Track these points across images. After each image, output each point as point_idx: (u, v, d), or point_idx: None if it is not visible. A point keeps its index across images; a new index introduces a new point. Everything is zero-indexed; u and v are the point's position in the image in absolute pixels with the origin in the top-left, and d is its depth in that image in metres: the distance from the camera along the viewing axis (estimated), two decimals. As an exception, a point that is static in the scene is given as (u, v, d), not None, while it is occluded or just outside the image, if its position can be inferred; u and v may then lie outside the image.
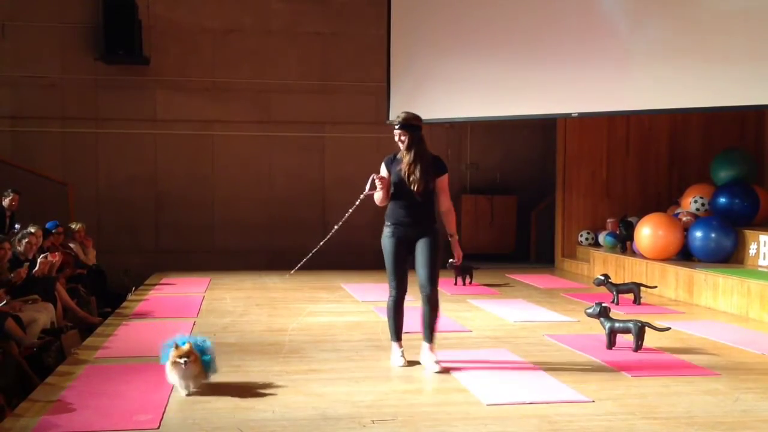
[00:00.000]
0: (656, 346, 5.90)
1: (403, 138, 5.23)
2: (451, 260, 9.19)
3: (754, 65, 8.10)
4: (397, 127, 5.26)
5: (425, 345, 5.30)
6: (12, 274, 6.82)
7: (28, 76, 11.74)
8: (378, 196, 5.26)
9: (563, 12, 9.86)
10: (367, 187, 5.24)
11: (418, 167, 5.14)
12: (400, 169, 5.19)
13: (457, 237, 5.34)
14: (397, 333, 5.40)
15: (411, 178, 5.13)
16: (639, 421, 4.13)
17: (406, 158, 5.19)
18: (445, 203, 5.30)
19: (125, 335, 6.41)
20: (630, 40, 9.23)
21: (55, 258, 7.52)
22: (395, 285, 5.30)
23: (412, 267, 5.25)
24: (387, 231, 5.28)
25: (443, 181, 5.26)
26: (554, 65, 9.70)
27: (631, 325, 5.72)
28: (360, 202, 5.52)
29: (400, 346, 5.40)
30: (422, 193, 5.14)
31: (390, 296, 5.35)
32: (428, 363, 5.22)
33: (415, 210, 5.20)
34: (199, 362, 4.55)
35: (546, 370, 5.20)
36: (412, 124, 5.24)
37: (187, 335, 4.78)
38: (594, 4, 9.60)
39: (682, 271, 8.51)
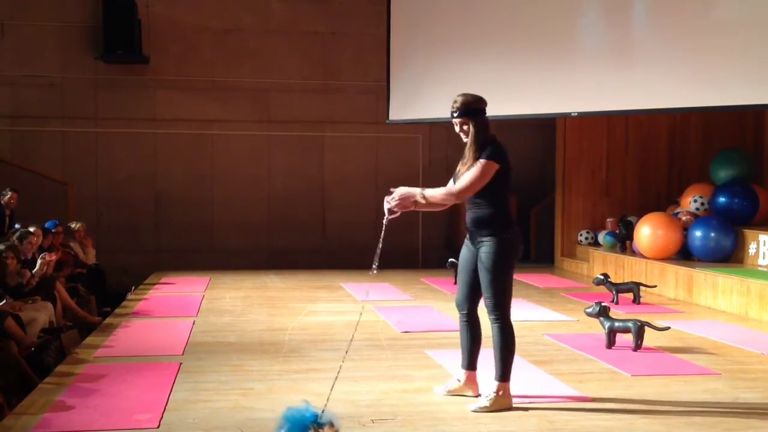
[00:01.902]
0: (656, 346, 5.90)
1: (465, 127, 4.21)
2: (451, 259, 9.24)
3: (754, 65, 8.10)
4: (455, 114, 4.21)
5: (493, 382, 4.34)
6: (23, 280, 6.83)
7: (27, 75, 11.74)
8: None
9: (563, 11, 9.86)
10: (386, 215, 4.21)
11: (469, 164, 4.19)
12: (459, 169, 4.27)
13: (422, 199, 4.16)
14: (463, 358, 4.48)
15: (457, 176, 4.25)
16: (638, 421, 4.13)
17: (467, 154, 4.23)
18: (459, 184, 4.20)
19: (125, 335, 6.41)
20: (629, 40, 9.22)
21: (51, 257, 7.50)
22: (456, 299, 4.51)
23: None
24: None
25: (476, 166, 4.15)
26: (554, 65, 9.70)
27: (630, 324, 5.72)
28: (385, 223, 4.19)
29: (465, 374, 4.46)
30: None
31: None
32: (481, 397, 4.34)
33: (469, 215, 4.27)
34: None
35: (545, 369, 5.21)
36: (474, 108, 4.20)
37: (308, 407, 3.39)
38: (594, 4, 9.60)
39: (681, 271, 8.51)
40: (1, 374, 5.38)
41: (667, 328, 6.06)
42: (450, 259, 9.33)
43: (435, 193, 4.19)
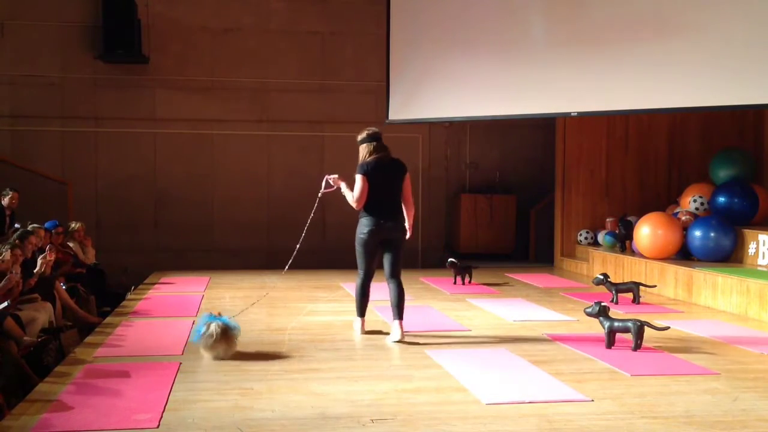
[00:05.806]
0: (655, 346, 5.91)
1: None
2: (450, 259, 9.25)
3: (753, 65, 8.10)
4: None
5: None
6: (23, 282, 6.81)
7: (27, 75, 11.73)
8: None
9: (562, 11, 9.86)
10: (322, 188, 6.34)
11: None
12: None
13: (341, 191, 6.27)
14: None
15: None
16: (638, 421, 4.13)
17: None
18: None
19: (124, 334, 6.41)
20: (629, 40, 9.22)
21: (51, 257, 7.49)
22: None
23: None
24: None
25: (356, 182, 6.07)
26: (554, 64, 9.70)
27: (630, 324, 5.73)
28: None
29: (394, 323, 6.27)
30: None
31: None
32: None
33: None
34: None
35: (545, 369, 5.21)
36: (360, 139, 6.23)
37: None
38: (593, 4, 9.60)
39: (681, 271, 8.51)
40: (1, 374, 5.38)
41: (667, 328, 6.06)
42: (450, 259, 9.34)
43: (347, 194, 6.11)
